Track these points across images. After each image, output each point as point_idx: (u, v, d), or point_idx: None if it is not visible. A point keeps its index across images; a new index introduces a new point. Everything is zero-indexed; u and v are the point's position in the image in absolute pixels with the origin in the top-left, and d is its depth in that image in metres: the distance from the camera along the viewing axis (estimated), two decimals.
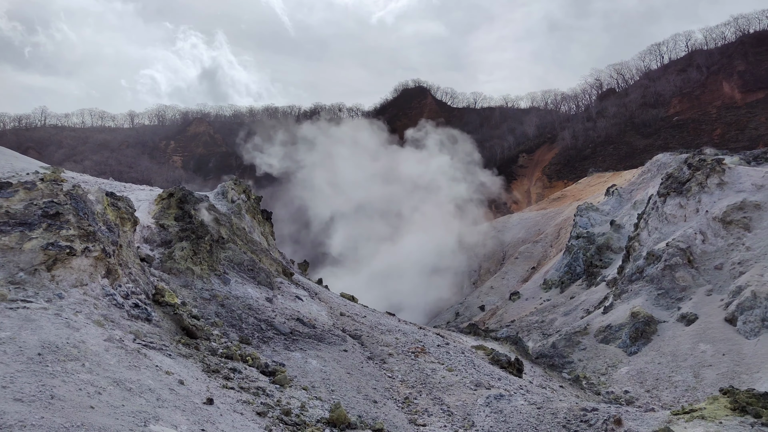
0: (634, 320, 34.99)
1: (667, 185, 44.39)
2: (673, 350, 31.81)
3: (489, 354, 27.71)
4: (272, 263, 28.66)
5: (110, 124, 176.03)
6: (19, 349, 10.94)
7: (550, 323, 47.56)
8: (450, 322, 61.64)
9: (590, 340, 36.55)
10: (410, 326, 29.41)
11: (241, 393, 14.16)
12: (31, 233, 14.83)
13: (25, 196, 16.00)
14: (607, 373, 32.68)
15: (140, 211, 23.85)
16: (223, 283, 22.86)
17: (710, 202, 40.28)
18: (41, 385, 9.85)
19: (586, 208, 65.75)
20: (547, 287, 59.03)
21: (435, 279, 76.99)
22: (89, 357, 11.76)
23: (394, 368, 21.01)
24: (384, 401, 17.83)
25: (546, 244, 74.73)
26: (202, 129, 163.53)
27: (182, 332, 16.71)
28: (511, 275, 70.68)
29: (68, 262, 14.92)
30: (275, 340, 20.03)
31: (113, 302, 15.43)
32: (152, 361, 13.25)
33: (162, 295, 18.02)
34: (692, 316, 33.54)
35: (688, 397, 27.76)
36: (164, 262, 21.85)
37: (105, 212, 18.14)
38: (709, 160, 43.11)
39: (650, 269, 39.06)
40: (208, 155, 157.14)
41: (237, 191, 33.43)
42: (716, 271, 36.13)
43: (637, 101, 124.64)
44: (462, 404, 18.57)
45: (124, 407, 10.34)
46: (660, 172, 59.72)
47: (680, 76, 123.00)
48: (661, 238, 41.72)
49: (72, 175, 26.66)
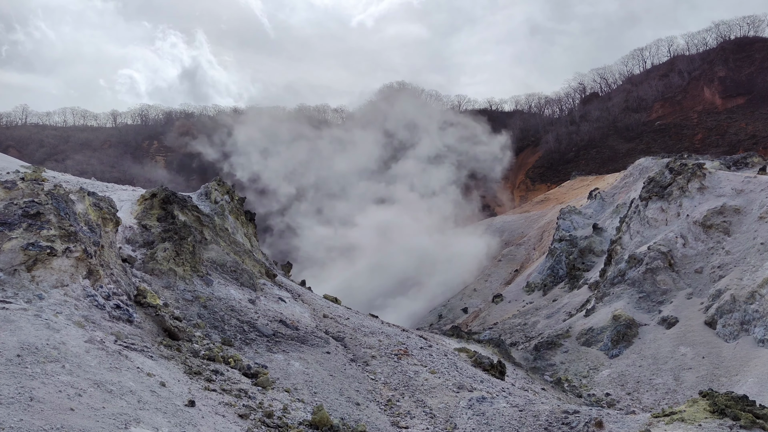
0: (616, 323, 35.32)
1: (649, 189, 44.88)
2: (654, 353, 32.14)
3: (472, 356, 27.80)
4: (255, 264, 28.54)
5: (92, 123, 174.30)
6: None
7: (532, 326, 47.83)
8: (433, 325, 61.77)
9: (572, 342, 36.83)
10: (393, 328, 29.43)
11: (223, 395, 14.09)
12: (11, 233, 14.65)
13: (5, 196, 15.81)
14: (588, 375, 32.94)
15: (122, 212, 23.64)
16: (206, 284, 22.72)
17: (691, 207, 40.80)
18: (20, 387, 9.74)
19: (569, 212, 66.25)
20: (530, 290, 59.37)
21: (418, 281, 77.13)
22: (69, 358, 11.64)
23: (377, 370, 21.01)
24: (367, 403, 17.83)
25: (529, 246, 75.18)
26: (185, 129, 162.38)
27: (164, 334, 16.59)
28: (494, 278, 71.00)
29: (49, 262, 14.76)
30: (258, 341, 19.94)
31: (94, 303, 15.28)
32: (133, 362, 13.14)
33: (144, 296, 17.87)
34: (673, 320, 33.94)
35: (669, 399, 28.07)
36: (146, 262, 21.68)
37: (87, 212, 17.97)
38: (690, 165, 43.67)
39: (632, 272, 39.45)
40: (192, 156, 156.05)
41: (220, 192, 33.26)
42: (696, 274, 36.59)
43: (619, 105, 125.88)
44: (444, 407, 18.61)
45: (105, 409, 10.25)
46: (642, 176, 60.34)
47: (662, 81, 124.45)
48: (643, 242, 42.16)
49: (53, 175, 26.36)
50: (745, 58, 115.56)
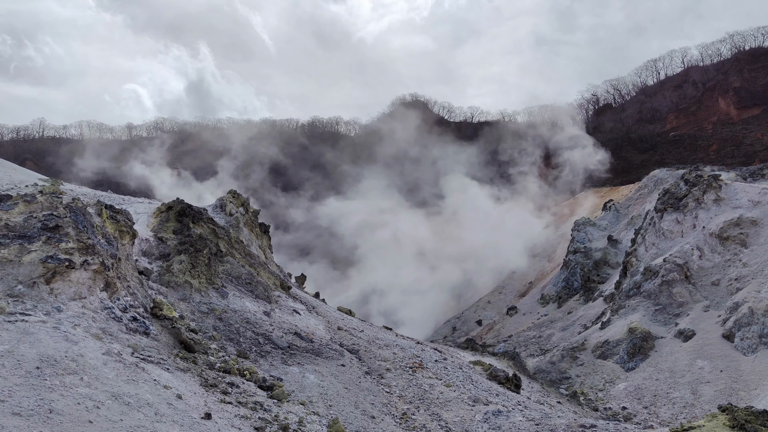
0: (632, 336, 34.98)
1: (664, 201, 44.56)
2: (671, 366, 31.77)
3: (487, 369, 27.65)
4: (270, 277, 28.61)
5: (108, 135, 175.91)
6: (17, 362, 10.91)
7: (547, 338, 47.51)
8: (447, 337, 61.55)
9: (588, 355, 36.51)
10: (408, 341, 29.35)
11: (238, 408, 14.10)
12: (31, 246, 14.82)
13: (24, 209, 16.00)
14: (604, 389, 32.61)
15: (139, 224, 23.83)
16: (221, 296, 22.81)
17: (707, 218, 40.44)
18: (40, 399, 9.82)
19: (584, 223, 65.96)
20: (545, 302, 59.06)
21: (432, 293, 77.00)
22: (88, 371, 11.72)
23: (392, 383, 20.94)
24: (382, 417, 17.76)
25: (543, 258, 74.82)
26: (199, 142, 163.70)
27: (180, 346, 16.66)
28: (509, 290, 70.73)
29: (67, 275, 14.90)
30: (273, 354, 19.96)
31: (112, 315, 15.39)
32: (150, 375, 13.20)
33: (160, 309, 17.97)
34: (690, 332, 33.54)
35: (686, 413, 27.70)
36: (162, 275, 21.81)
37: (104, 225, 18.14)
38: (705, 176, 43.35)
39: (647, 285, 39.10)
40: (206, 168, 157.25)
41: (235, 204, 33.42)
42: (713, 287, 36.20)
43: (633, 116, 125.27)
44: (460, 420, 18.50)
45: (123, 422, 10.30)
46: (657, 188, 60.02)
47: (676, 92, 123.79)
48: (659, 254, 41.82)
49: (71, 188, 26.66)
50: (760, 68, 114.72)
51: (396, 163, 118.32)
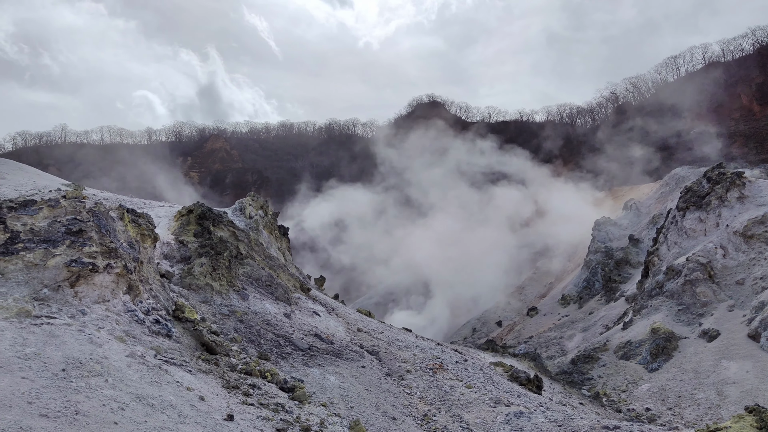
0: (655, 336, 34.58)
1: (686, 199, 44.02)
2: (695, 367, 31.35)
3: (508, 371, 27.51)
4: (290, 279, 28.74)
5: (128, 140, 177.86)
6: (43, 364, 11.06)
7: (568, 339, 47.16)
8: (467, 338, 61.36)
9: (610, 356, 36.18)
10: (428, 342, 29.30)
11: (260, 409, 14.16)
12: (55, 250, 15.02)
13: (49, 214, 16.22)
14: (627, 390, 32.27)
15: (160, 228, 24.08)
16: (242, 298, 22.95)
17: (730, 216, 39.87)
18: (66, 401, 9.94)
19: (604, 223, 65.40)
20: (566, 303, 58.62)
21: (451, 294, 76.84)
22: (112, 373, 11.85)
23: (413, 385, 20.91)
24: (403, 418, 17.74)
25: (564, 259, 74.27)
26: (218, 145, 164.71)
27: (202, 348, 16.78)
28: (529, 290, 70.33)
29: (91, 278, 15.09)
30: (293, 356, 20.04)
31: (134, 318, 15.55)
32: (173, 377, 13.31)
33: (182, 311, 18.12)
34: (714, 332, 33.06)
35: (712, 415, 27.31)
36: (184, 278, 22.00)
37: (126, 229, 18.33)
38: (728, 174, 42.72)
39: (670, 284, 38.64)
40: (225, 171, 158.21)
41: (254, 207, 33.63)
42: (738, 286, 35.67)
43: (653, 114, 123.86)
44: (482, 422, 18.42)
45: (147, 423, 10.39)
46: (678, 186, 59.31)
47: (697, 89, 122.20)
48: (681, 253, 41.32)
49: (93, 192, 27.00)
50: None
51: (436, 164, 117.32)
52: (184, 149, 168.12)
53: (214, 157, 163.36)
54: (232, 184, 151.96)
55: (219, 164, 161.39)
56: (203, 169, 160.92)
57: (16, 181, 22.27)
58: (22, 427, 8.62)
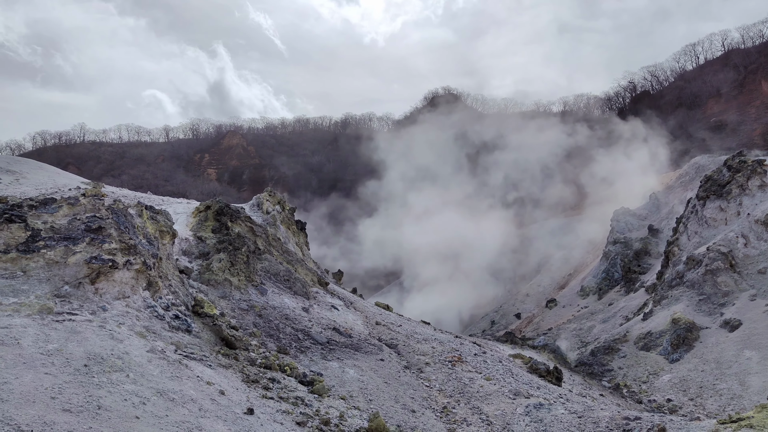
0: (676, 327, 34.22)
1: (707, 188, 43.44)
2: (717, 357, 31.00)
3: (527, 363, 27.41)
4: (308, 273, 28.84)
5: (146, 138, 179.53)
6: (66, 360, 11.21)
7: (588, 331, 46.85)
8: (486, 331, 61.22)
9: (630, 347, 35.88)
10: (446, 335, 29.27)
11: (280, 403, 14.26)
12: (75, 247, 15.20)
13: (68, 212, 16.42)
14: (648, 381, 32.00)
15: (178, 224, 24.26)
16: (261, 293, 23.08)
17: (752, 205, 39.30)
18: (88, 396, 10.08)
19: (623, 213, 64.74)
20: (585, 294, 58.21)
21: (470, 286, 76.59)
22: (133, 368, 11.98)
23: (432, 377, 20.92)
24: (422, 411, 17.76)
25: (582, 249, 73.73)
26: (235, 141, 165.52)
27: (221, 343, 16.91)
28: (547, 282, 69.93)
29: (111, 275, 15.25)
30: (312, 349, 20.13)
31: (154, 314, 15.70)
32: (193, 371, 13.43)
33: (201, 307, 18.27)
34: (736, 322, 32.64)
35: (734, 405, 26.99)
36: (202, 273, 22.16)
37: (145, 226, 18.51)
38: (749, 162, 42.07)
39: (691, 274, 38.21)
40: (242, 167, 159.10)
41: (272, 202, 33.77)
42: (760, 275, 35.17)
43: (672, 103, 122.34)
44: (501, 414, 18.38)
45: (168, 417, 10.50)
46: (698, 175, 58.54)
47: (717, 77, 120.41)
48: (702, 242, 40.83)
49: (112, 190, 27.27)
50: None
51: None
52: (201, 146, 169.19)
53: (231, 154, 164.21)
54: (250, 179, 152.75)
55: (236, 160, 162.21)
56: (221, 166, 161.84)
57: (36, 179, 22.55)
58: (46, 421, 8.75)
